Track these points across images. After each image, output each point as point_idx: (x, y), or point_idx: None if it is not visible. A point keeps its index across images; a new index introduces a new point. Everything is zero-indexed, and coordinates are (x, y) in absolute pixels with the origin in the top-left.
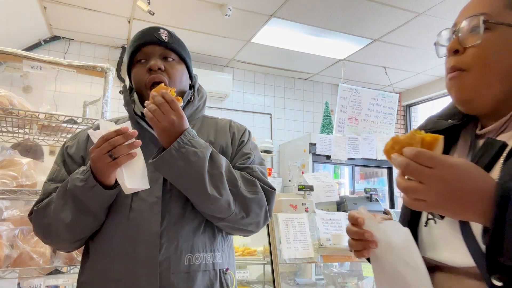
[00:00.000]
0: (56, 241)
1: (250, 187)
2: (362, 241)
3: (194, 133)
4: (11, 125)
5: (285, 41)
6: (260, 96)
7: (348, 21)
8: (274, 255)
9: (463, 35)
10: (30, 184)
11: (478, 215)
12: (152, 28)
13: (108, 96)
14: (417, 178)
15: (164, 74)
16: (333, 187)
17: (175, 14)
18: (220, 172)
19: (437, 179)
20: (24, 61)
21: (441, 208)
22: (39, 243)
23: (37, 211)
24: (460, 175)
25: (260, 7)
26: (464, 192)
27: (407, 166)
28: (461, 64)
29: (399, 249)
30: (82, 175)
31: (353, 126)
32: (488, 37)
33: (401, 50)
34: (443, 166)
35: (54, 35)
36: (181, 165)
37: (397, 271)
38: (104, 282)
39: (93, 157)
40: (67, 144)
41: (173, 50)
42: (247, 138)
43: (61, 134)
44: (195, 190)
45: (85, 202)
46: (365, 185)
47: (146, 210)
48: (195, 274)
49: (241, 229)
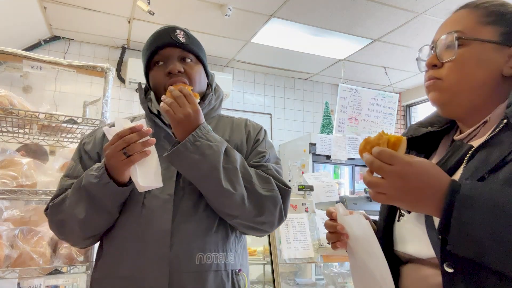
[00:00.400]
0: (70, 237)
1: (264, 185)
2: (336, 234)
3: (210, 127)
4: (11, 125)
5: (285, 41)
6: (260, 96)
7: (348, 21)
8: (274, 255)
9: (440, 51)
10: (30, 184)
11: (431, 208)
12: (168, 28)
13: (108, 96)
14: (379, 173)
15: (184, 76)
16: (333, 187)
17: (175, 14)
18: (234, 167)
19: (396, 175)
20: (24, 61)
21: (399, 201)
22: (39, 243)
23: (52, 207)
24: (417, 172)
25: (260, 7)
26: (419, 187)
27: (372, 163)
28: (437, 74)
29: (361, 240)
30: (97, 172)
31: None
32: (462, 53)
33: (401, 50)
34: (401, 164)
35: (54, 35)
36: (195, 158)
37: (363, 262)
38: (115, 279)
39: (107, 154)
40: (84, 140)
41: (190, 51)
42: (262, 136)
43: (61, 134)
44: (209, 184)
45: (99, 198)
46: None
47: (158, 207)
48: (206, 274)
49: (255, 228)
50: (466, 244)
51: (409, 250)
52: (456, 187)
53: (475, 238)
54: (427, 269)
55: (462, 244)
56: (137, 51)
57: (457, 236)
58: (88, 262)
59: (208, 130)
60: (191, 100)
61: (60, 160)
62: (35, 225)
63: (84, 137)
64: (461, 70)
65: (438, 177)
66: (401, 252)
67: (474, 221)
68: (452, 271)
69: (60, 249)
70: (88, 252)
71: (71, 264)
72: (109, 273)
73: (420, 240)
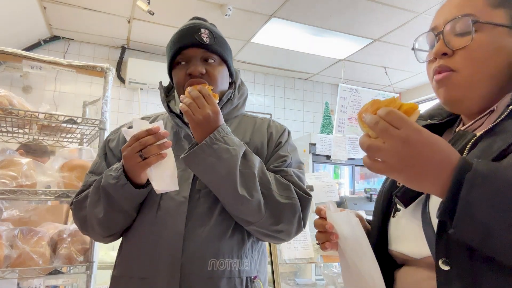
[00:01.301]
0: (92, 233)
1: (283, 191)
2: (325, 233)
3: (229, 130)
4: (11, 125)
5: (285, 41)
6: (260, 96)
7: (348, 21)
8: (274, 255)
9: (448, 38)
10: (30, 184)
11: (435, 185)
12: (192, 27)
13: (108, 96)
14: (383, 137)
15: (206, 77)
16: (333, 187)
17: (175, 14)
18: (252, 172)
19: (402, 141)
20: (24, 61)
21: (399, 173)
22: (38, 243)
23: (76, 203)
24: (426, 142)
25: (260, 7)
26: (427, 159)
27: (376, 124)
28: (451, 64)
29: (351, 240)
30: (115, 173)
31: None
32: (477, 38)
33: (401, 50)
34: (411, 129)
35: (54, 35)
36: (212, 161)
37: (353, 263)
38: (130, 278)
39: (124, 156)
40: (109, 137)
41: (214, 51)
42: (285, 139)
43: (61, 134)
44: (225, 188)
45: (117, 199)
46: (365, 185)
47: (173, 209)
48: (218, 281)
49: (271, 236)
50: (473, 227)
51: (403, 249)
52: (468, 164)
53: (483, 220)
54: (421, 272)
55: (468, 226)
56: (137, 51)
57: (463, 217)
58: (88, 262)
59: (226, 133)
60: (211, 101)
61: (59, 160)
62: (35, 225)
63: (110, 134)
64: (478, 58)
65: (448, 152)
66: (395, 251)
67: (483, 201)
68: (448, 268)
69: (59, 249)
70: (88, 252)
71: (70, 264)
72: (126, 272)
73: (416, 237)
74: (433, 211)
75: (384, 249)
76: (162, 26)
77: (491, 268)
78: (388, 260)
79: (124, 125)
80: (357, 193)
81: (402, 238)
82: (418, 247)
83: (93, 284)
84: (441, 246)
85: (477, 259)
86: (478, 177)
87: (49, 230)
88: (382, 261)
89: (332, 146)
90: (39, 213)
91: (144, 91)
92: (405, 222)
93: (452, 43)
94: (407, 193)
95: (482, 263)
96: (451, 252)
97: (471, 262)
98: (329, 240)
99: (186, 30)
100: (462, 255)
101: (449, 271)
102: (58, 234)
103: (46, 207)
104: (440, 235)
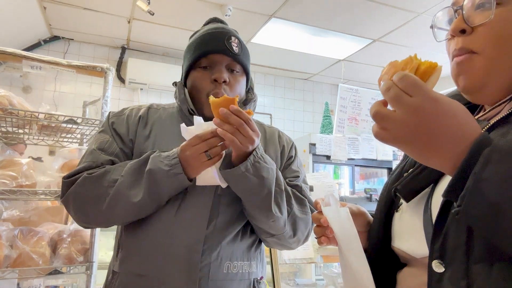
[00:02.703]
0: (94, 214)
1: (300, 207)
2: (321, 227)
3: (261, 146)
4: (11, 125)
5: (285, 41)
6: (260, 96)
7: (348, 21)
8: (274, 256)
9: (468, 13)
10: (30, 184)
11: (447, 158)
12: (223, 33)
13: (108, 96)
14: (394, 104)
15: (227, 88)
16: (333, 188)
17: (175, 14)
18: (281, 189)
19: (412, 109)
20: (23, 61)
21: (406, 144)
22: (38, 243)
23: (89, 178)
24: (442, 112)
25: (260, 7)
26: (440, 130)
27: (388, 89)
28: (471, 45)
29: (340, 234)
30: (168, 161)
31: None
32: (500, 13)
33: (401, 50)
34: (424, 97)
35: (54, 35)
36: (255, 181)
37: (346, 258)
38: (140, 277)
39: (188, 155)
40: (112, 120)
41: (240, 62)
42: (294, 153)
43: (61, 134)
44: (260, 205)
45: (163, 186)
46: (365, 185)
47: (194, 212)
48: (231, 283)
49: (284, 245)
50: (481, 206)
51: (404, 246)
52: (487, 140)
53: (494, 200)
54: (421, 275)
55: (476, 205)
56: (137, 51)
57: (472, 195)
58: (88, 262)
59: (262, 151)
60: (253, 126)
61: (59, 160)
62: (35, 225)
63: (112, 116)
64: (501, 35)
65: (469, 125)
66: (397, 248)
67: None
68: (442, 271)
69: (59, 249)
70: (88, 252)
71: (70, 264)
72: (133, 270)
73: (417, 235)
74: (435, 207)
75: (388, 246)
76: (162, 26)
77: (489, 274)
78: (392, 258)
79: (124, 110)
80: (357, 193)
81: (404, 235)
82: (418, 246)
83: (93, 284)
84: (437, 245)
85: (475, 263)
86: (496, 154)
87: (49, 230)
88: (385, 259)
89: (332, 146)
90: (39, 213)
91: (144, 91)
92: (408, 218)
93: (472, 19)
94: (407, 186)
95: (480, 268)
96: (447, 253)
97: (467, 266)
98: (325, 234)
99: (218, 34)
100: (458, 257)
101: (443, 274)
102: (58, 234)
103: (46, 207)
104: (437, 234)
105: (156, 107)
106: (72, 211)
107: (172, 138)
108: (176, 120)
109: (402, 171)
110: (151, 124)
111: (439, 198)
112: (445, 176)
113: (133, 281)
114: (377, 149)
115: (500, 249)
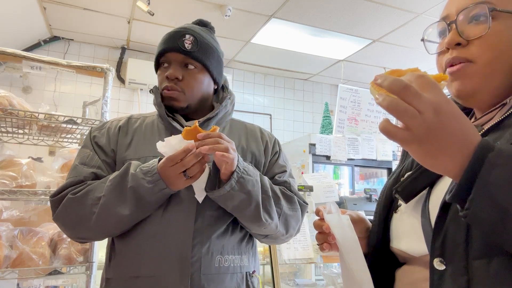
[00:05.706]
0: (89, 231)
1: (290, 204)
2: (323, 234)
3: (241, 158)
4: (11, 125)
5: (285, 42)
6: (259, 96)
7: (348, 21)
8: (274, 256)
9: (462, 27)
10: (30, 185)
11: (453, 162)
12: (178, 32)
13: (108, 96)
14: (413, 101)
15: (181, 83)
16: (333, 188)
17: (175, 15)
18: (268, 196)
19: (434, 107)
20: (23, 61)
21: (420, 144)
22: (38, 243)
23: (72, 200)
24: (454, 114)
25: (260, 7)
26: (453, 132)
27: (406, 88)
28: (467, 55)
29: (342, 241)
30: (149, 177)
31: (352, 127)
32: (495, 27)
33: (401, 50)
34: (443, 97)
35: (54, 36)
36: (242, 198)
37: (347, 264)
38: (133, 279)
39: (167, 175)
40: (94, 134)
41: (195, 58)
42: (279, 148)
43: (61, 134)
44: (249, 216)
45: (149, 201)
46: (365, 185)
47: (180, 210)
48: (224, 276)
49: (277, 242)
50: (489, 209)
51: (403, 246)
52: (490, 145)
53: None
54: (419, 271)
55: (484, 208)
56: (137, 52)
57: (479, 198)
58: (88, 263)
59: (244, 162)
60: (234, 147)
61: (59, 161)
62: (35, 226)
63: (94, 130)
64: (496, 47)
65: (472, 130)
66: (396, 248)
67: (504, 183)
68: (443, 268)
69: (59, 250)
70: (88, 252)
71: (70, 264)
72: (126, 273)
73: (415, 234)
74: (433, 208)
75: (387, 247)
76: (162, 26)
77: (488, 269)
78: (391, 258)
79: (105, 124)
80: (357, 193)
81: (403, 235)
82: (417, 245)
83: (92, 284)
84: (437, 244)
85: (474, 259)
86: (501, 157)
87: (49, 231)
88: (384, 259)
89: (331, 146)
90: (39, 214)
91: (144, 92)
92: (406, 219)
93: (467, 33)
94: (407, 188)
95: (479, 263)
96: (447, 251)
97: (467, 263)
98: (327, 241)
99: (173, 34)
100: (458, 254)
101: (444, 271)
102: (58, 234)
103: (46, 207)
104: (437, 233)
105: (136, 117)
106: (63, 230)
107: (153, 144)
108: (156, 127)
109: (400, 175)
110: (131, 133)
111: (436, 199)
112: (442, 179)
113: (128, 285)
114: (377, 150)
115: (504, 249)
